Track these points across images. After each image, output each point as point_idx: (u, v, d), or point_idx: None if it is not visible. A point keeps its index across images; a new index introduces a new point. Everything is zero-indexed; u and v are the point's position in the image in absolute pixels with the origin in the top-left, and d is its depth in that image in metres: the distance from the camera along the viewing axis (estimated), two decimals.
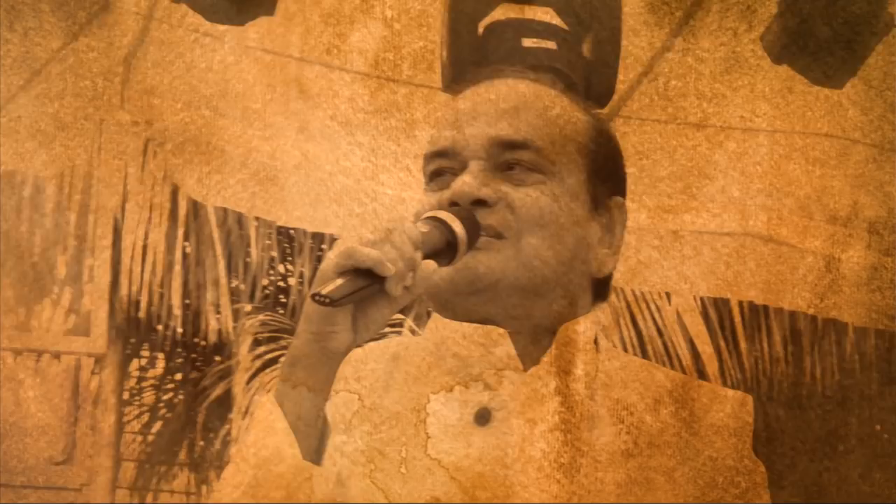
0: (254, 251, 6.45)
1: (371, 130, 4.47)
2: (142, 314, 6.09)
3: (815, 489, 7.27)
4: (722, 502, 1.67)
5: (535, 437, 1.63)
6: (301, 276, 6.55)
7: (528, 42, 3.04)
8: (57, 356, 6.29)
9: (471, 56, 3.01)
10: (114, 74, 4.35)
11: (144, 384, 7.24)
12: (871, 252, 5.01)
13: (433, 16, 3.93)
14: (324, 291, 1.34)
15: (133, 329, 6.40)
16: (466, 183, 1.54)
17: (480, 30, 3.05)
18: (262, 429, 1.60)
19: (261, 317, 6.57)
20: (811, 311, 7.12)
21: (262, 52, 4.28)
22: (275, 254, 6.80)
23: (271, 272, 6.88)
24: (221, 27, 4.15)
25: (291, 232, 6.57)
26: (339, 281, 1.35)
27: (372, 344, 1.65)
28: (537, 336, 1.64)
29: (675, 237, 4.88)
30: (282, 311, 6.71)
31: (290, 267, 6.92)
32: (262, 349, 6.44)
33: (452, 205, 1.55)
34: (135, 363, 7.12)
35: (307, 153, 4.70)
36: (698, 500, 1.66)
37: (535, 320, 1.63)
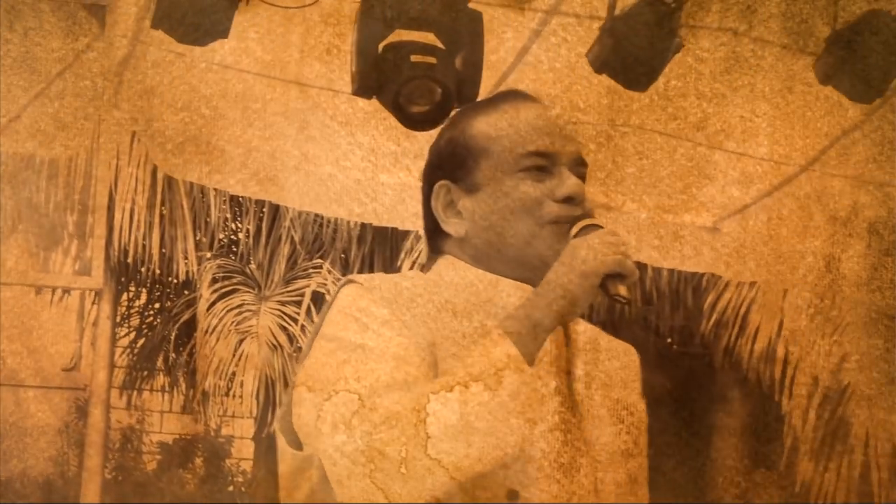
0: (213, 213, 8.86)
1: (371, 130, 4.47)
2: (130, 259, 8.26)
3: (816, 489, 7.27)
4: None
5: (535, 437, 1.63)
6: (248, 231, 9.16)
7: (415, 58, 3.70)
8: (67, 291, 8.54)
9: (373, 68, 3.70)
10: (114, 75, 4.35)
11: (132, 311, 9.81)
12: (871, 252, 5.01)
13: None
14: (625, 295, 1.68)
15: (123, 270, 8.65)
16: (581, 185, 1.76)
17: (380, 49, 3.72)
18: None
19: (218, 261, 9.05)
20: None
21: (262, 53, 4.28)
22: (228, 215, 9.29)
23: (225, 228, 9.36)
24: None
25: (241, 199, 8.89)
26: (623, 287, 1.68)
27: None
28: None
29: (675, 237, 4.88)
30: (233, 257, 9.17)
31: (239, 224, 9.41)
32: (218, 285, 8.91)
33: (567, 199, 1.74)
34: (124, 296, 9.53)
35: (307, 153, 4.70)
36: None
37: None
